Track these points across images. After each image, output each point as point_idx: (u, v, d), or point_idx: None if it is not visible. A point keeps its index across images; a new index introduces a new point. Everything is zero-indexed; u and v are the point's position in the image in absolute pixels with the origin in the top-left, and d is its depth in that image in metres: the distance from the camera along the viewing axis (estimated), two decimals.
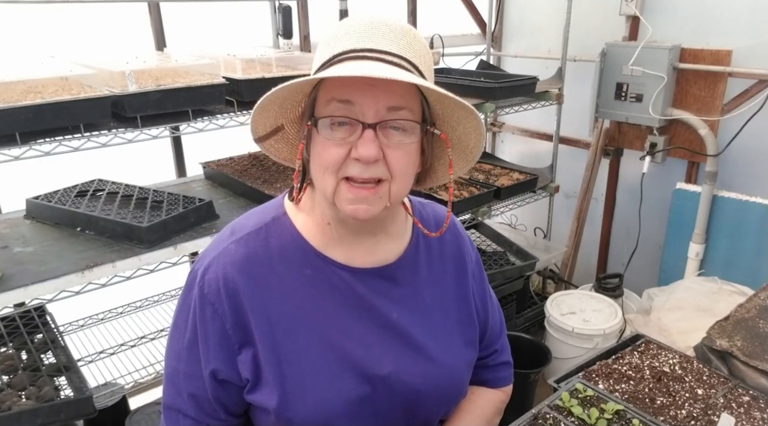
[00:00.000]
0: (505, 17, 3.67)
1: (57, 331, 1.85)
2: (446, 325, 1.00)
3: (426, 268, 1.00)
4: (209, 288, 0.88)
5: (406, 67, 0.80)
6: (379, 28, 0.81)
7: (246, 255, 0.89)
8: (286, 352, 0.88)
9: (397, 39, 0.81)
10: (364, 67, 0.76)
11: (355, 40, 0.80)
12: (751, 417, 1.23)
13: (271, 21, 2.62)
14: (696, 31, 2.80)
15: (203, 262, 0.91)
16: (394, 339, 0.93)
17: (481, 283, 1.10)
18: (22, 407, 1.45)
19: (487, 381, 1.15)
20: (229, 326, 0.87)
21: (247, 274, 0.88)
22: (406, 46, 0.81)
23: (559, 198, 3.52)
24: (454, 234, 1.06)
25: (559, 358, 2.66)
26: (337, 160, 0.80)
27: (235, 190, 2.21)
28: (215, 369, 0.88)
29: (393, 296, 0.94)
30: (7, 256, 1.64)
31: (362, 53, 0.79)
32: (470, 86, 2.67)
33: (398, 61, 0.80)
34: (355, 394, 0.89)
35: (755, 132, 2.68)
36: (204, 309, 0.88)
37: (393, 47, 0.80)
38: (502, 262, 2.83)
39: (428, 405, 0.97)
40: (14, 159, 1.56)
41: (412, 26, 0.85)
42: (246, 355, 0.88)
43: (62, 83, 1.65)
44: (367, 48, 0.80)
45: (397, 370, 0.92)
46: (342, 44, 0.81)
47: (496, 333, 1.14)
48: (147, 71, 1.77)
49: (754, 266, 2.77)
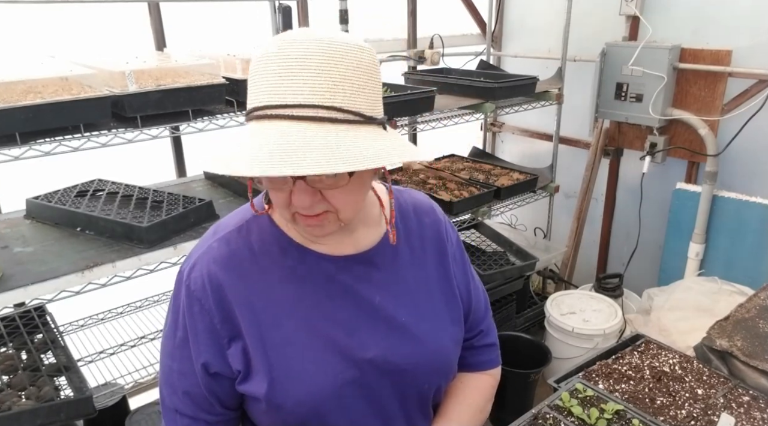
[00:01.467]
0: (505, 17, 3.67)
1: (57, 331, 1.85)
2: (431, 305, 1.02)
3: (407, 251, 1.02)
4: (195, 285, 0.90)
5: (327, 118, 0.73)
6: (293, 69, 0.73)
7: (229, 252, 0.92)
8: (272, 341, 0.90)
9: (313, 79, 0.73)
10: (273, 142, 0.71)
11: (269, 89, 0.75)
12: (751, 417, 1.23)
13: (271, 21, 2.62)
14: (696, 31, 2.80)
15: (189, 262, 0.94)
16: (379, 322, 0.95)
17: (463, 266, 1.11)
18: (22, 407, 1.45)
19: (474, 364, 1.15)
20: (217, 321, 0.90)
21: (231, 270, 0.91)
22: (326, 86, 0.73)
23: (559, 198, 3.52)
24: (433, 219, 1.08)
25: (559, 358, 2.66)
26: (284, 201, 0.83)
27: (235, 190, 2.21)
28: (206, 362, 0.91)
29: (375, 280, 0.97)
30: (7, 256, 1.64)
31: (274, 113, 0.74)
32: (470, 86, 2.67)
33: (313, 113, 0.73)
34: (343, 377, 0.91)
35: (755, 132, 2.68)
36: (192, 306, 0.91)
37: (310, 96, 0.73)
38: (502, 262, 2.83)
39: (418, 383, 0.99)
40: (14, 159, 1.56)
41: (335, 46, 0.75)
42: (236, 348, 0.90)
43: (62, 83, 1.65)
44: (279, 104, 0.74)
45: (383, 352, 0.94)
46: (258, 92, 0.76)
47: (481, 314, 1.15)
48: (147, 71, 1.77)
49: (754, 266, 2.77)
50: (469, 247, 3.00)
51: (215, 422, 0.95)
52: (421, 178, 2.86)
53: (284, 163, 0.69)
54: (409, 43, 3.18)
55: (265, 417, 0.94)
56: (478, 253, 2.93)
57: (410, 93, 2.30)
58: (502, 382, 1.21)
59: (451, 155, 3.32)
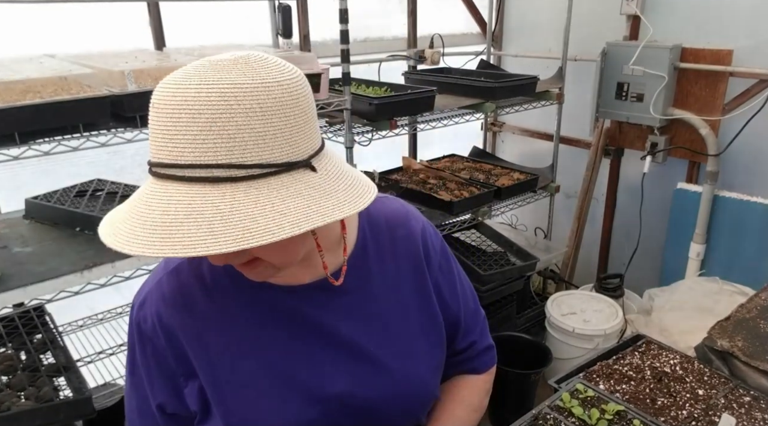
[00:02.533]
0: (506, 17, 3.66)
1: (56, 332, 1.85)
2: (406, 331, 0.92)
3: (377, 268, 0.92)
4: (145, 325, 0.84)
5: (221, 177, 0.63)
6: (182, 122, 0.63)
7: (179, 288, 0.84)
8: (228, 384, 0.84)
9: (204, 134, 0.62)
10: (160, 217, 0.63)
11: (161, 139, 0.64)
12: (752, 417, 1.23)
13: (270, 20, 2.62)
14: (697, 31, 2.80)
15: (140, 296, 0.87)
16: (345, 354, 0.87)
17: (449, 275, 1.01)
18: (21, 408, 1.44)
19: (470, 370, 1.09)
20: (171, 361, 0.84)
21: (181, 308, 0.83)
22: (217, 141, 0.63)
23: (560, 198, 3.52)
24: (407, 231, 0.96)
25: (560, 359, 2.66)
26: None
27: None
28: (161, 403, 0.86)
29: (340, 307, 0.87)
30: (6, 256, 1.64)
31: (166, 171, 0.64)
32: (470, 86, 2.66)
33: (209, 173, 0.63)
34: (305, 417, 0.84)
35: (756, 132, 2.68)
36: (144, 346, 0.85)
37: (201, 154, 0.63)
38: (502, 262, 2.82)
39: (392, 420, 0.91)
40: (13, 159, 1.55)
41: (232, 82, 0.64)
42: (192, 387, 0.85)
43: (61, 83, 1.65)
44: (171, 164, 0.64)
45: (350, 387, 0.86)
46: (154, 141, 0.66)
47: (471, 323, 1.06)
48: (146, 71, 1.77)
49: (755, 266, 2.76)
50: (469, 247, 2.99)
51: None
52: (421, 178, 2.86)
53: (164, 241, 0.61)
54: (409, 42, 3.18)
55: None
56: (478, 253, 2.93)
57: (410, 93, 2.30)
58: (503, 382, 1.21)
59: (452, 155, 3.32)
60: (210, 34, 2.46)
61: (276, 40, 2.63)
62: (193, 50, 2.21)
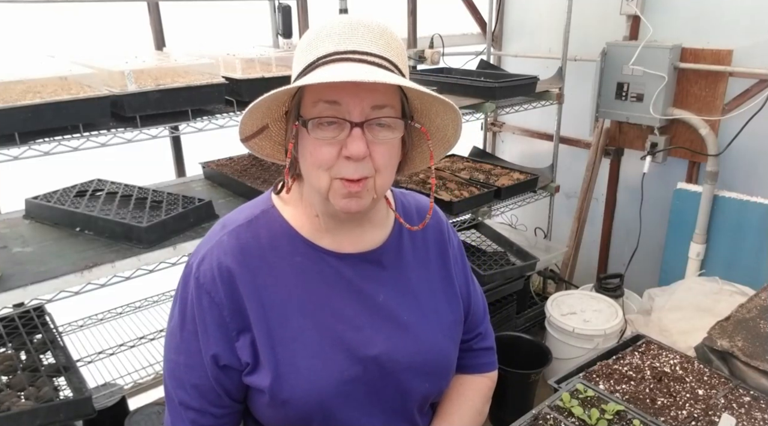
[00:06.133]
0: (506, 17, 3.66)
1: (56, 332, 1.85)
2: (433, 305, 1.04)
3: (410, 252, 1.04)
4: (205, 278, 0.91)
5: (386, 66, 0.84)
6: (358, 29, 0.85)
7: (238, 245, 0.93)
8: (279, 336, 0.91)
9: (375, 39, 0.85)
10: (348, 70, 0.80)
11: (336, 42, 0.84)
12: (752, 417, 1.23)
13: (270, 20, 2.62)
14: (697, 31, 2.80)
15: (198, 255, 0.94)
16: (383, 320, 0.97)
17: (463, 269, 1.14)
18: (22, 408, 1.44)
19: (472, 366, 1.17)
20: (227, 313, 0.90)
21: (241, 262, 0.92)
22: (384, 45, 0.85)
23: (560, 198, 3.52)
24: (436, 220, 1.11)
25: (560, 359, 2.66)
26: (330, 159, 0.84)
27: (234, 190, 2.21)
28: (216, 354, 0.91)
29: (380, 279, 0.99)
30: (7, 257, 1.64)
31: (344, 56, 0.83)
32: (470, 86, 2.66)
33: (379, 61, 0.84)
34: (347, 374, 0.93)
35: (756, 132, 2.68)
36: (201, 299, 0.91)
37: (373, 48, 0.84)
38: (502, 262, 2.82)
39: (419, 382, 1.00)
40: (13, 159, 1.55)
41: (387, 25, 0.88)
42: (244, 340, 0.91)
43: (61, 83, 1.65)
44: (348, 50, 0.83)
45: (387, 350, 0.95)
46: (324, 46, 0.84)
47: (479, 317, 1.17)
48: (146, 71, 1.77)
49: (755, 266, 2.76)
50: (469, 247, 2.99)
51: (221, 415, 0.96)
52: (421, 178, 2.86)
53: (362, 76, 0.76)
54: (409, 42, 3.18)
55: (268, 411, 0.94)
56: (478, 253, 2.93)
57: None
58: (503, 382, 1.22)
59: (452, 155, 3.32)
60: (210, 35, 2.46)
61: (276, 40, 2.63)
62: (194, 51, 2.22)
